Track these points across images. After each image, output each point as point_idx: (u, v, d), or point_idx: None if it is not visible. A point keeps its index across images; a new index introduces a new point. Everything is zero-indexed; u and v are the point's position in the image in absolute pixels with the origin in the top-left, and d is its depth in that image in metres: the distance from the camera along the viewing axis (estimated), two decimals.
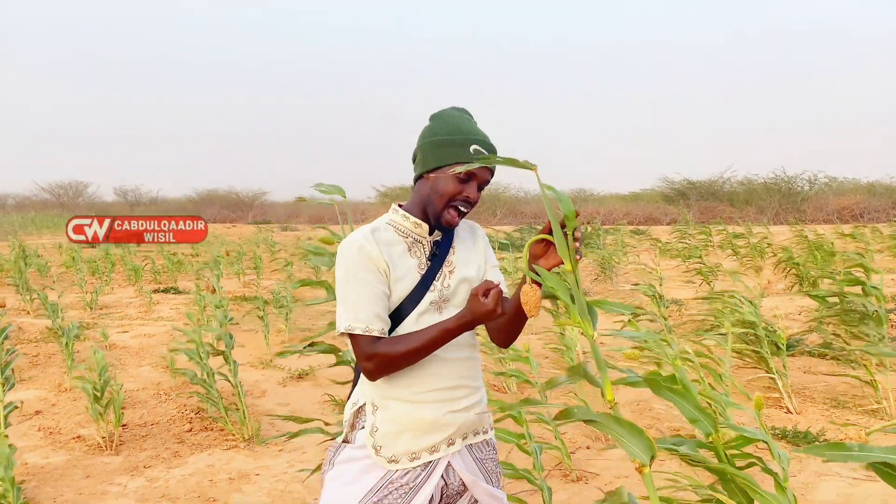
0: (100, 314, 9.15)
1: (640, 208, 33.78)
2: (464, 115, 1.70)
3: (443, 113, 1.70)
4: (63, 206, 44.41)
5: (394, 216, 1.69)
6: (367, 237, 1.61)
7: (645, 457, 1.32)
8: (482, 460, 1.72)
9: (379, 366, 1.57)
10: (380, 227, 1.66)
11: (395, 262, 1.61)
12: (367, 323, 1.56)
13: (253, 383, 5.47)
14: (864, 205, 29.42)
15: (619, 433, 1.33)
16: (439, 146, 1.62)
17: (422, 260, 1.66)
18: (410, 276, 1.63)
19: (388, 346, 1.57)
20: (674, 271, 12.00)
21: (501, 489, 1.76)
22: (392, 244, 1.63)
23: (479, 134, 1.64)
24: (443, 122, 1.66)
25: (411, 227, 1.66)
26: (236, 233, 27.81)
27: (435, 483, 1.62)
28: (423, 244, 1.68)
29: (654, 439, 1.35)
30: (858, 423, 4.25)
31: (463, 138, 1.61)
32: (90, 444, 4.18)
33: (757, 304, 4.93)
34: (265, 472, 3.74)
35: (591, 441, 4.07)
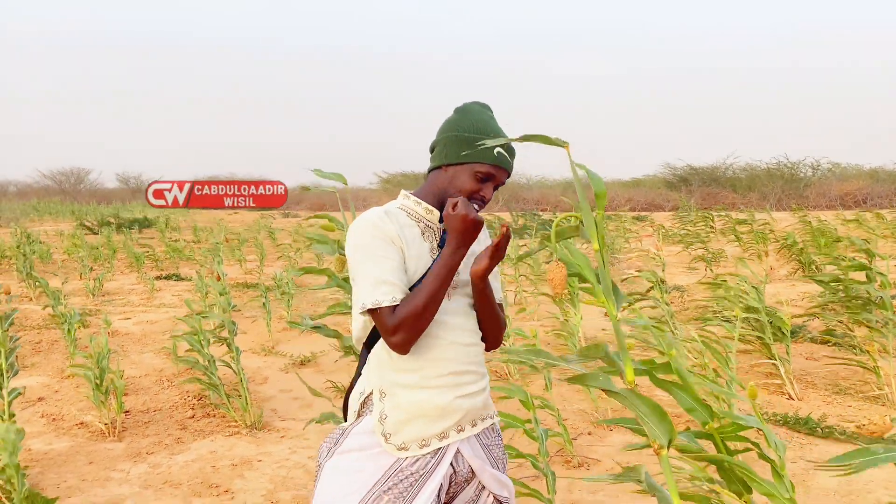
0: (102, 301, 9.16)
1: (642, 194, 33.72)
2: (487, 111, 1.70)
3: (468, 107, 1.70)
4: (65, 193, 44.45)
5: (405, 202, 1.69)
6: (381, 216, 1.60)
7: (664, 439, 1.32)
8: (489, 446, 1.72)
9: (408, 331, 1.53)
10: (391, 209, 1.66)
11: (408, 241, 1.61)
12: (393, 294, 1.53)
13: (255, 370, 5.49)
14: (867, 190, 29.32)
15: (642, 411, 1.32)
16: (463, 142, 1.62)
17: (433, 245, 1.66)
18: (423, 259, 1.62)
19: (407, 307, 1.53)
20: (676, 258, 11.99)
21: (506, 475, 1.76)
22: (404, 226, 1.63)
23: (501, 134, 1.64)
24: (468, 118, 1.66)
25: (423, 212, 1.67)
26: (238, 219, 27.80)
27: (445, 470, 1.61)
28: (434, 230, 1.68)
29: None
30: (858, 409, 4.25)
31: (486, 138, 1.60)
32: (93, 431, 4.20)
33: (761, 289, 4.92)
34: (267, 459, 3.75)
35: (593, 427, 4.07)
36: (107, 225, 20.78)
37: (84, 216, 25.61)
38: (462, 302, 1.66)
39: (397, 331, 1.53)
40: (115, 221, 21.95)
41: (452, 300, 1.65)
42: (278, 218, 28.24)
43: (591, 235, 1.42)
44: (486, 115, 1.68)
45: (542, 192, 34.49)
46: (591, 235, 1.43)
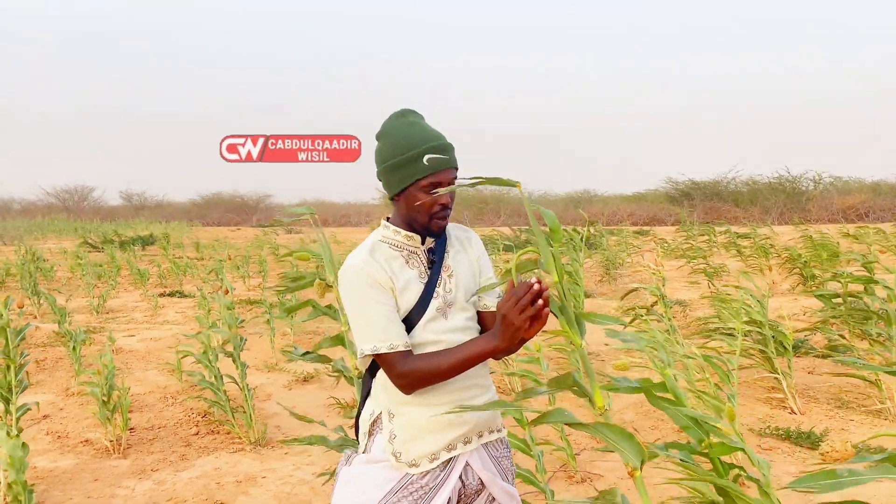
0: (106, 318, 9.20)
1: (644, 209, 33.77)
2: (407, 120, 1.67)
3: (386, 129, 1.68)
4: (68, 211, 44.61)
5: (385, 232, 1.71)
6: (366, 259, 1.63)
7: (636, 461, 1.35)
8: (498, 458, 1.75)
9: (412, 382, 1.59)
10: (374, 245, 1.68)
11: (396, 275, 1.64)
12: (390, 341, 1.58)
13: (258, 386, 5.50)
14: (869, 204, 29.36)
15: (611, 438, 1.35)
16: (394, 170, 1.63)
17: (421, 269, 1.69)
18: (414, 286, 1.65)
19: (421, 362, 1.58)
20: (678, 272, 12.01)
21: (515, 487, 1.79)
22: (390, 259, 1.66)
23: (428, 139, 1.62)
24: (387, 142, 1.66)
25: (404, 240, 1.69)
26: (241, 236, 27.89)
27: (454, 482, 1.64)
28: (418, 254, 1.70)
29: (648, 445, 1.38)
30: (862, 423, 4.25)
31: (413, 154, 1.60)
32: (98, 448, 4.22)
33: (765, 303, 4.94)
34: (271, 475, 3.77)
35: (596, 442, 4.08)
36: (110, 242, 20.86)
37: (88, 234, 25.73)
38: (460, 317, 1.68)
39: (404, 377, 1.58)
40: (118, 238, 22.04)
41: (449, 319, 1.67)
42: (281, 234, 28.32)
43: (549, 268, 1.46)
44: (407, 126, 1.65)
45: (543, 207, 34.52)
46: (549, 268, 1.46)
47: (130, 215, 43.04)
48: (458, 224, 1.84)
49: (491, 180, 1.40)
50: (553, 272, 1.43)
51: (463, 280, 1.72)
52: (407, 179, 1.62)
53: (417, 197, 1.62)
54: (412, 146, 1.61)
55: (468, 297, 1.72)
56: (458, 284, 1.70)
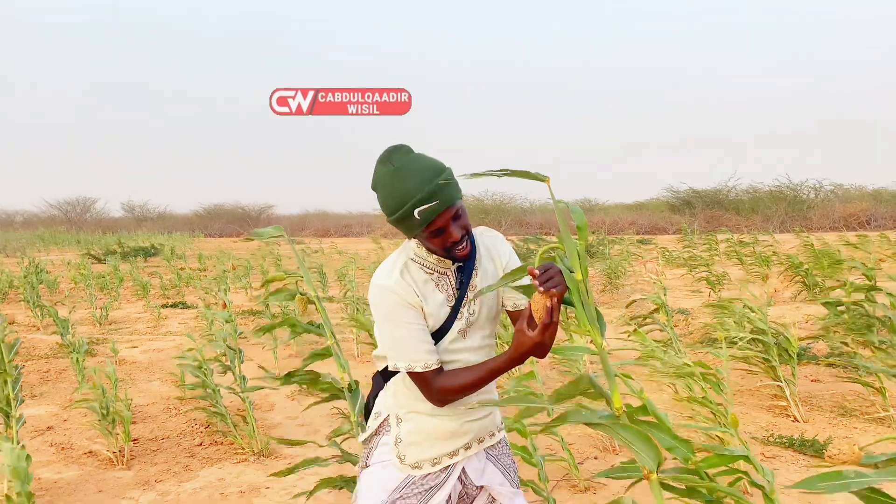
0: (109, 329, 9.21)
1: (646, 218, 33.79)
2: (391, 169, 1.59)
3: (376, 181, 1.63)
4: (71, 223, 44.69)
5: (418, 251, 1.71)
6: (399, 282, 1.65)
7: (652, 463, 1.35)
8: (497, 457, 1.84)
9: (445, 398, 1.67)
10: (406, 263, 1.69)
11: (427, 298, 1.67)
12: (425, 360, 1.64)
13: (262, 396, 5.51)
14: (870, 212, 29.33)
15: (628, 439, 1.36)
16: (397, 225, 1.63)
17: (449, 292, 1.71)
18: (442, 310, 1.69)
19: (452, 380, 1.65)
20: (679, 280, 12.01)
21: (518, 483, 1.88)
22: (421, 282, 1.68)
23: (412, 192, 1.56)
24: (382, 197, 1.62)
25: (435, 262, 1.71)
26: (243, 247, 27.91)
27: (452, 484, 1.75)
28: (448, 276, 1.72)
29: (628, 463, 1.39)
30: (865, 431, 4.25)
31: (403, 212, 1.57)
32: (102, 459, 4.22)
33: (765, 311, 4.95)
34: (275, 486, 3.77)
35: (599, 451, 4.08)
36: (112, 254, 20.90)
37: (90, 245, 25.78)
38: (478, 336, 1.75)
39: (435, 394, 1.65)
40: (120, 250, 22.08)
41: (468, 338, 1.73)
42: (283, 245, 28.34)
43: (574, 265, 1.47)
44: (389, 178, 1.59)
45: (545, 216, 34.57)
46: (573, 265, 1.47)
47: (133, 227, 43.12)
48: (486, 229, 1.84)
49: (519, 173, 1.40)
50: (577, 269, 1.44)
51: (487, 299, 1.75)
52: (410, 232, 1.65)
53: (429, 241, 1.64)
54: (401, 203, 1.57)
55: (490, 315, 1.77)
56: (482, 304, 1.74)
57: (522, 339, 1.53)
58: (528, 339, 1.52)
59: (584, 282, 1.46)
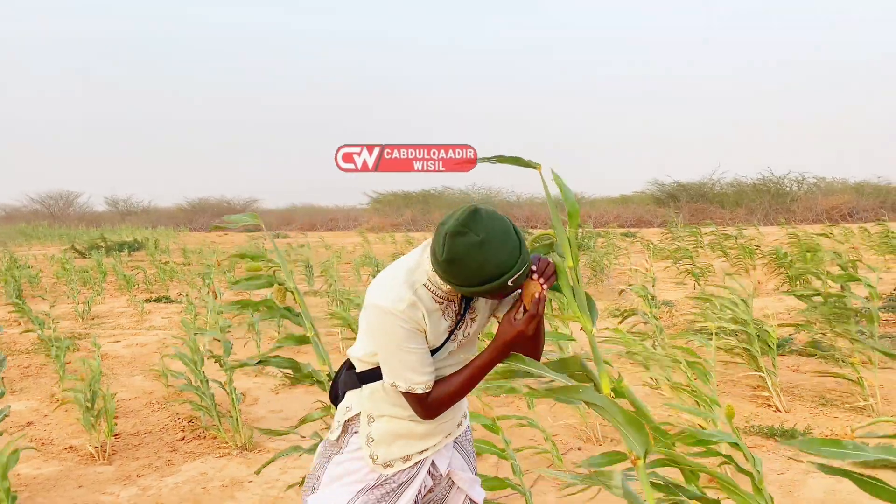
0: (91, 324, 9.13)
1: (631, 211, 33.90)
2: (480, 238, 1.44)
3: (462, 252, 1.45)
4: (53, 217, 44.24)
5: (432, 277, 1.58)
6: (407, 310, 1.55)
7: (640, 449, 1.36)
8: (461, 443, 1.89)
9: (438, 410, 1.66)
10: (418, 290, 1.58)
11: (432, 326, 1.61)
12: (426, 382, 1.62)
13: (245, 390, 5.47)
14: (852, 204, 29.62)
15: (619, 422, 1.36)
16: (483, 293, 1.51)
17: (452, 319, 1.67)
18: (440, 336, 1.66)
19: (441, 390, 1.64)
20: (664, 273, 12.07)
21: (475, 469, 1.93)
22: (431, 312, 1.60)
23: (506, 266, 1.46)
24: (478, 269, 1.46)
25: (447, 293, 1.60)
26: (228, 241, 27.77)
27: (422, 478, 1.76)
28: (454, 304, 1.66)
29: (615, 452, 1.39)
30: (845, 420, 4.29)
31: (497, 284, 1.47)
32: (82, 455, 4.18)
33: (749, 302, 4.98)
34: (258, 479, 3.75)
35: (583, 442, 4.10)
36: (96, 248, 20.71)
37: (73, 240, 25.53)
38: (462, 354, 1.74)
39: (434, 407, 1.65)
40: (104, 244, 21.88)
41: (454, 357, 1.72)
42: (268, 238, 28.21)
43: (565, 252, 1.47)
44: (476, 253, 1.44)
45: (532, 209, 34.62)
46: (564, 252, 1.47)
47: (116, 221, 42.73)
48: None
49: (511, 160, 1.41)
50: (568, 256, 1.45)
51: (481, 317, 1.74)
52: (488, 294, 1.52)
53: (492, 295, 1.56)
54: (497, 275, 1.46)
55: (480, 332, 1.78)
56: (477, 324, 1.73)
57: (506, 328, 1.54)
58: (512, 329, 1.53)
59: (575, 268, 1.46)
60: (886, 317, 7.15)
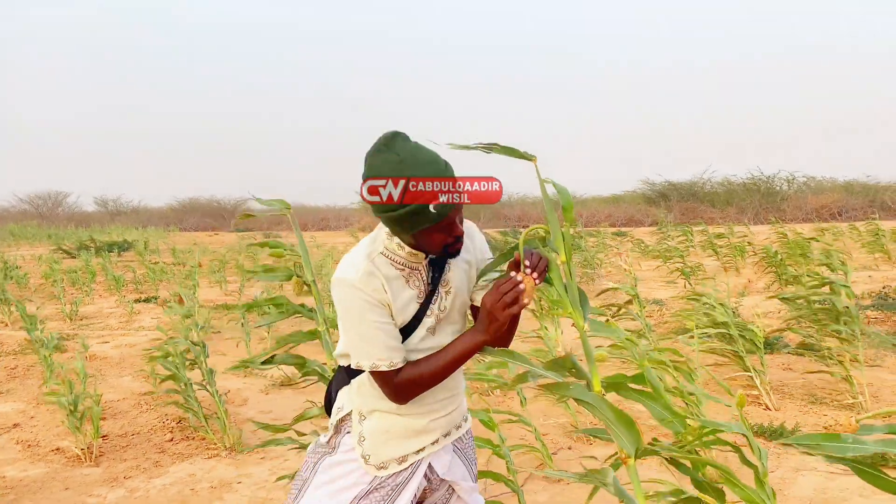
0: (80, 325, 9.06)
1: (622, 210, 33.97)
2: (397, 157, 1.45)
3: (379, 171, 1.45)
4: (42, 217, 43.92)
5: (388, 244, 1.57)
6: (364, 279, 1.52)
7: (631, 448, 1.34)
8: (463, 450, 1.79)
9: (407, 393, 1.58)
10: (375, 259, 1.56)
11: (395, 295, 1.56)
12: (390, 358, 1.55)
13: (235, 391, 5.45)
14: (842, 203, 29.78)
15: (610, 419, 1.35)
16: (397, 221, 1.48)
17: (420, 288, 1.62)
18: (410, 306, 1.60)
19: (412, 371, 1.57)
20: (655, 272, 12.09)
21: (476, 477, 1.83)
22: (390, 279, 1.56)
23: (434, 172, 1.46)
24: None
25: (407, 256, 1.58)
26: (218, 241, 27.65)
27: (419, 481, 1.68)
28: (420, 271, 1.62)
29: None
30: (833, 418, 4.30)
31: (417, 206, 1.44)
32: (69, 457, 4.14)
33: (727, 304, 4.99)
34: (247, 480, 3.73)
35: (573, 441, 4.09)
36: (85, 249, 20.56)
37: (62, 240, 25.35)
38: (446, 332, 1.67)
39: (403, 389, 1.57)
40: (93, 245, 21.74)
41: (437, 335, 1.65)
42: (260, 238, 28.11)
43: (558, 247, 1.45)
44: (396, 166, 1.44)
45: (523, 209, 34.63)
46: (557, 246, 1.45)
47: (106, 221, 42.45)
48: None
49: (506, 150, 1.38)
50: (561, 251, 1.43)
51: (459, 293, 1.67)
52: (413, 227, 1.49)
53: (429, 238, 1.51)
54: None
55: (461, 310, 1.70)
56: (454, 298, 1.66)
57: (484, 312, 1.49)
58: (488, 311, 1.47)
59: (568, 263, 1.45)
60: (876, 315, 7.18)
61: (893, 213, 27.89)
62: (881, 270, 11.31)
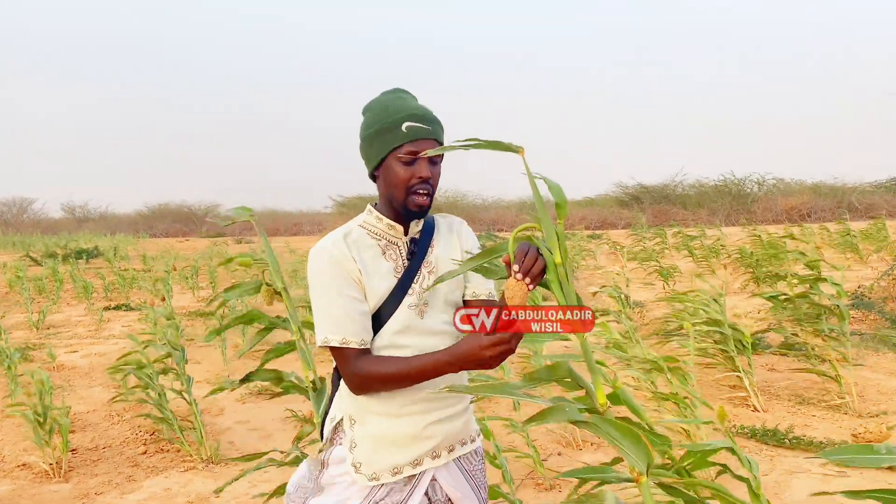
0: (47, 334, 8.77)
1: (596, 213, 34.20)
2: (394, 94, 1.58)
3: (372, 102, 1.59)
4: (6, 224, 42.91)
5: (367, 217, 1.60)
6: (337, 243, 1.52)
7: (642, 465, 1.23)
8: (471, 473, 1.63)
9: (361, 384, 1.49)
10: (352, 230, 1.57)
11: (367, 266, 1.52)
12: (343, 335, 1.47)
13: (210, 401, 5.25)
14: (810, 205, 30.28)
15: (616, 437, 1.23)
16: (373, 139, 1.53)
17: (398, 262, 1.56)
18: (386, 280, 1.53)
19: (374, 365, 1.47)
20: (631, 274, 12.10)
21: (486, 501, 1.68)
22: (363, 248, 1.54)
23: (410, 109, 1.52)
24: (371, 113, 1.56)
25: (385, 228, 1.57)
26: (189, 247, 27.22)
27: (419, 499, 1.53)
28: (398, 245, 1.58)
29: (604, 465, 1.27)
30: (822, 418, 4.27)
31: (391, 121, 1.50)
32: (37, 472, 3.95)
33: (722, 302, 4.94)
34: (225, 494, 3.56)
35: (563, 447, 4.00)
36: (53, 256, 20.07)
37: (29, 247, 24.73)
38: (437, 319, 1.56)
39: (354, 377, 1.49)
40: (61, 252, 21.23)
41: (426, 318, 1.55)
42: (231, 244, 27.73)
43: (552, 247, 1.32)
44: (392, 98, 1.56)
45: (498, 213, 34.68)
46: (551, 246, 1.32)
47: (73, 228, 41.60)
48: (449, 214, 1.72)
49: (490, 144, 1.26)
50: (556, 251, 1.30)
51: (444, 275, 1.57)
52: (384, 149, 1.51)
53: (394, 169, 1.51)
54: (392, 114, 1.51)
55: (449, 298, 1.58)
56: (437, 282, 1.54)
57: (469, 343, 1.35)
58: (471, 348, 1.34)
59: (564, 265, 1.33)
60: (855, 314, 7.22)
61: (860, 213, 28.40)
62: (854, 270, 11.44)
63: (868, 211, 28.05)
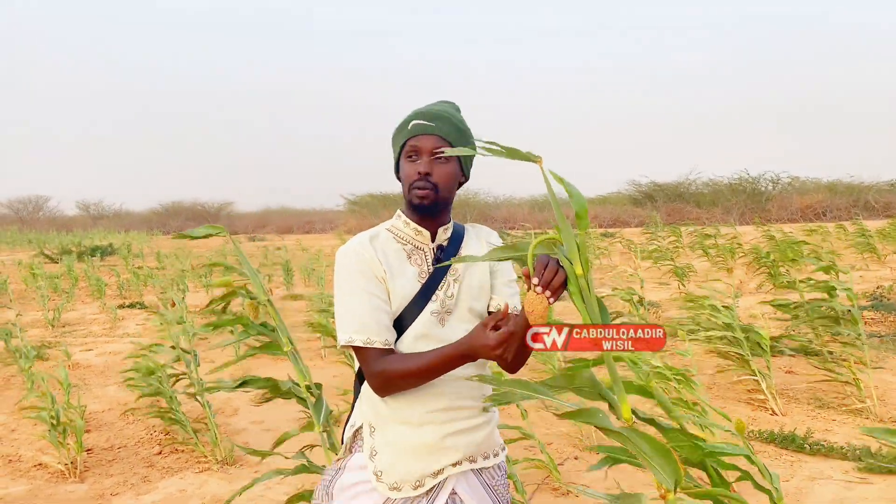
0: (62, 332, 8.82)
1: (608, 211, 34.00)
2: (436, 104, 1.62)
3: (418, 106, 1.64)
4: (23, 222, 43.31)
5: (395, 222, 1.61)
6: (364, 243, 1.53)
7: (671, 482, 1.20)
8: (493, 487, 1.59)
9: (384, 383, 1.48)
10: (379, 233, 1.59)
11: (392, 269, 1.52)
12: (367, 334, 1.46)
13: (224, 401, 5.26)
14: (826, 203, 29.97)
15: (644, 451, 1.20)
16: (392, 141, 1.61)
17: (423, 268, 1.55)
18: (410, 284, 1.52)
19: (395, 363, 1.46)
20: (646, 273, 12.02)
21: None
22: (389, 251, 1.55)
23: (421, 108, 1.57)
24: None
25: (412, 233, 1.58)
26: (203, 245, 27.34)
27: None
28: (424, 251, 1.57)
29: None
30: (844, 423, 4.21)
31: (403, 121, 1.56)
32: (52, 472, 3.96)
33: (732, 306, 4.87)
34: (241, 496, 3.56)
35: (579, 451, 3.96)
36: (68, 253, 20.21)
37: (44, 245, 24.92)
38: (458, 328, 1.52)
39: (376, 377, 1.48)
40: (76, 249, 21.37)
41: (447, 327, 1.52)
42: (244, 242, 27.84)
43: (573, 257, 1.28)
44: (418, 108, 1.59)
45: (510, 211, 34.57)
46: (572, 256, 1.28)
47: (88, 225, 41.95)
48: (482, 226, 1.70)
49: (508, 152, 1.24)
50: (577, 262, 1.26)
51: (470, 285, 1.56)
52: (396, 148, 1.59)
53: (401, 166, 1.57)
54: (407, 116, 1.57)
55: (473, 307, 1.56)
56: (462, 292, 1.55)
57: (477, 333, 1.39)
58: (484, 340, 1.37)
59: (586, 276, 1.29)
60: (873, 315, 7.12)
61: (877, 212, 28.09)
62: (871, 270, 11.31)
63: (885, 210, 27.75)
